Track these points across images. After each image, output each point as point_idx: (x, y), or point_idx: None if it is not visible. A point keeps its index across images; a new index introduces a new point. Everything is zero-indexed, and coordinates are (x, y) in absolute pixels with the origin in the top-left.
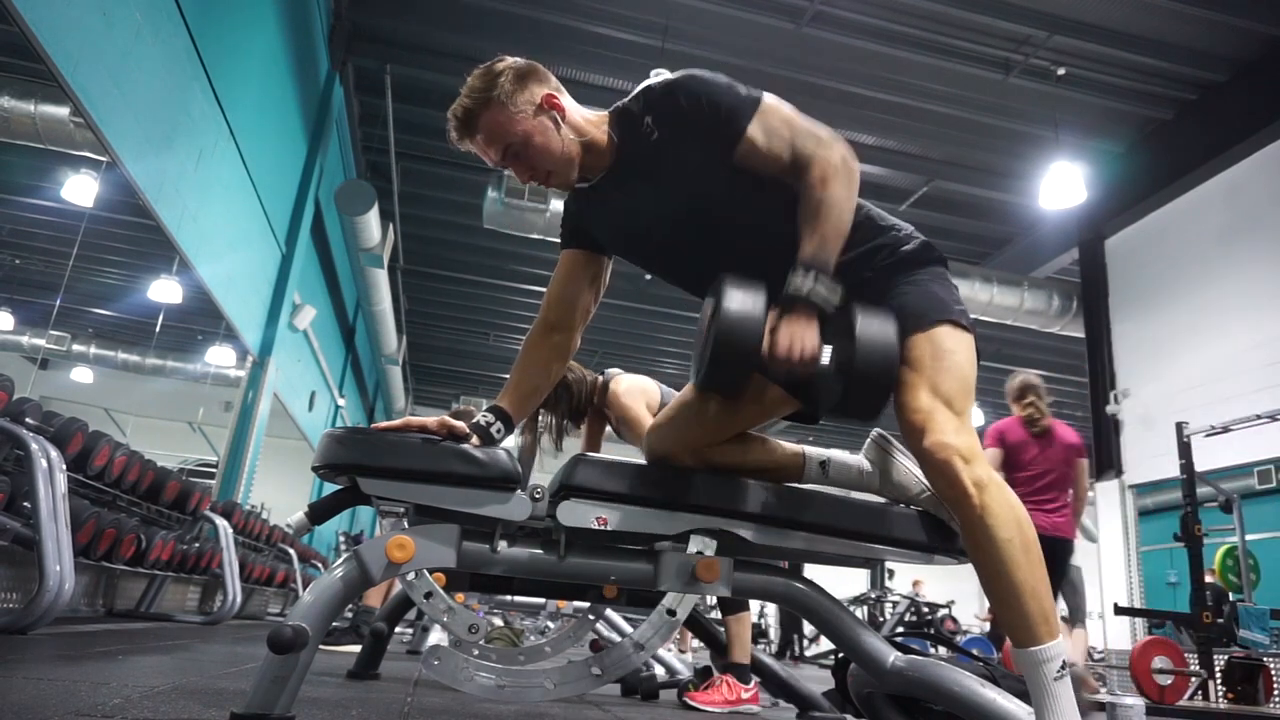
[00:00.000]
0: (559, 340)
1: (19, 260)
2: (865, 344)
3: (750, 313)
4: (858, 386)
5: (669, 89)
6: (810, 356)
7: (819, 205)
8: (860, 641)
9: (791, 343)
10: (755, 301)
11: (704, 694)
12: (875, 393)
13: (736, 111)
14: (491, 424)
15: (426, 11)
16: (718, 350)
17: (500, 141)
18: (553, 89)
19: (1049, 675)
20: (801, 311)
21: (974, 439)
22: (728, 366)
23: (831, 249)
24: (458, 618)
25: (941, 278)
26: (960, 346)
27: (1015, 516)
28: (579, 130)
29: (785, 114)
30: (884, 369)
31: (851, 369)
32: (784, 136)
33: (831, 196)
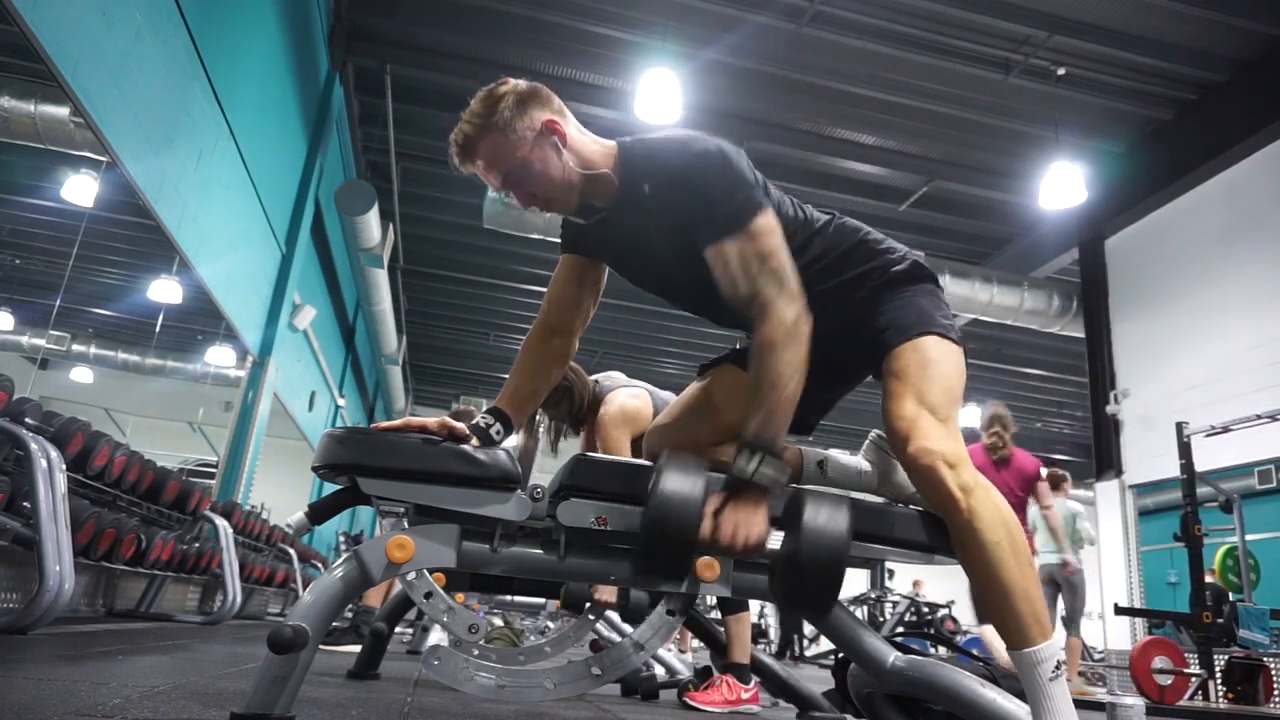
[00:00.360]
0: (558, 344)
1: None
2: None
3: (687, 498)
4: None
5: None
6: (755, 543)
7: (762, 378)
8: (860, 641)
9: (735, 529)
10: (693, 484)
11: (704, 694)
12: (822, 587)
13: (726, 219)
14: (491, 425)
15: (426, 11)
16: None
17: (500, 167)
18: (554, 114)
19: (1044, 676)
20: (747, 496)
21: (959, 445)
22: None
23: (778, 426)
24: (458, 618)
25: (931, 294)
26: (947, 357)
27: (1002, 519)
28: (582, 159)
29: (766, 248)
30: (831, 562)
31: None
32: (751, 271)
33: (777, 368)
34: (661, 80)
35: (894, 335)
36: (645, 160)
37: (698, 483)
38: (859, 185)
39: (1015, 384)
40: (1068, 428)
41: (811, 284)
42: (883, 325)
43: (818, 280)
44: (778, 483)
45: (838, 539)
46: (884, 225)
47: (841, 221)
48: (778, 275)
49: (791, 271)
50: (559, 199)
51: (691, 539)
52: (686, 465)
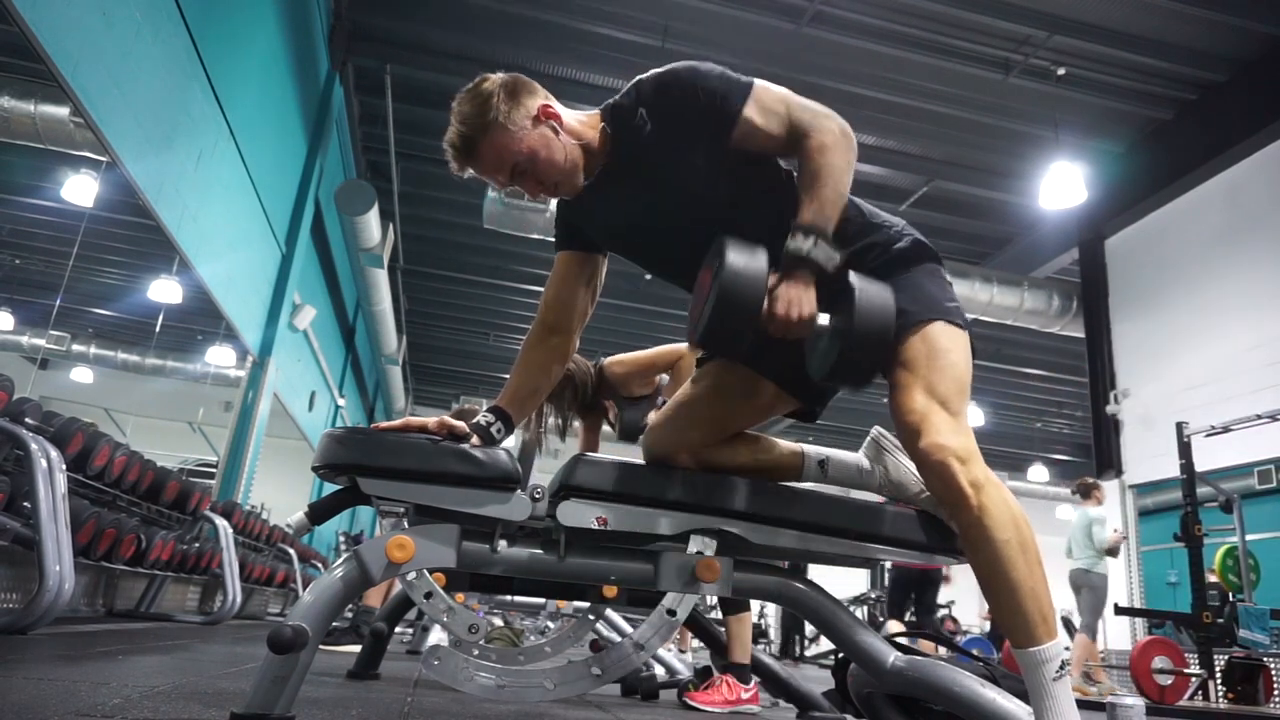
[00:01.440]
0: (558, 342)
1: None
2: (863, 307)
3: (753, 270)
4: (853, 349)
5: (661, 81)
6: (808, 318)
7: (817, 172)
8: (860, 641)
9: (790, 303)
10: (757, 260)
11: (704, 694)
12: (870, 356)
13: (729, 95)
14: (491, 424)
15: (426, 11)
16: (720, 305)
17: (506, 163)
18: (544, 98)
19: (1048, 675)
20: (800, 273)
21: (970, 439)
22: (728, 323)
23: (830, 214)
24: (458, 618)
25: (935, 274)
26: (955, 345)
27: (1013, 516)
28: (576, 135)
29: (779, 93)
30: (880, 332)
31: (848, 331)
32: (779, 113)
33: (829, 163)
34: None
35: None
36: (633, 98)
37: (761, 259)
38: (859, 185)
39: (1015, 384)
40: (1068, 428)
41: None
42: None
43: None
44: (828, 264)
45: (887, 310)
46: None
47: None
48: (807, 106)
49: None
50: (566, 181)
51: (757, 307)
52: (747, 246)
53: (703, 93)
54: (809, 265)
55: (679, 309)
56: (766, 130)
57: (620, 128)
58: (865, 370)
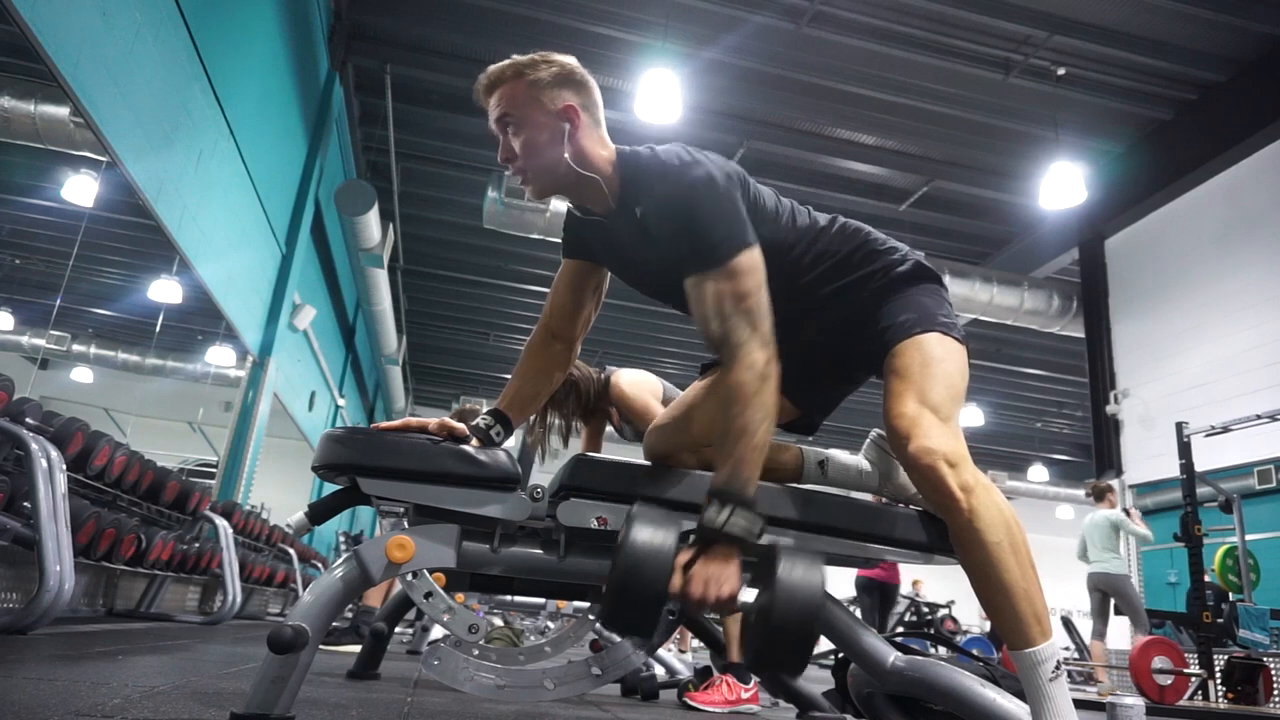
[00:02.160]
0: (559, 348)
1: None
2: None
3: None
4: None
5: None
6: (728, 597)
7: (731, 426)
8: (860, 641)
9: (706, 583)
10: (665, 534)
11: (704, 694)
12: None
13: (707, 254)
14: (491, 426)
15: (426, 11)
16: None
17: (504, 107)
18: (580, 105)
19: (1044, 676)
20: (719, 548)
21: (960, 444)
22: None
23: (748, 473)
24: (458, 618)
25: (934, 293)
26: (949, 355)
27: (1004, 519)
28: (582, 159)
29: (743, 288)
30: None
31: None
32: (724, 311)
33: (746, 417)
34: (661, 80)
35: (895, 333)
36: (638, 179)
37: (669, 535)
38: (859, 185)
39: (1015, 384)
40: (1068, 428)
41: (815, 287)
42: (884, 324)
43: (821, 283)
44: (750, 534)
45: (812, 597)
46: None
47: (844, 223)
48: (751, 317)
49: (766, 314)
50: (536, 179)
51: (661, 593)
52: (656, 517)
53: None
54: (727, 536)
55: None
56: (701, 310)
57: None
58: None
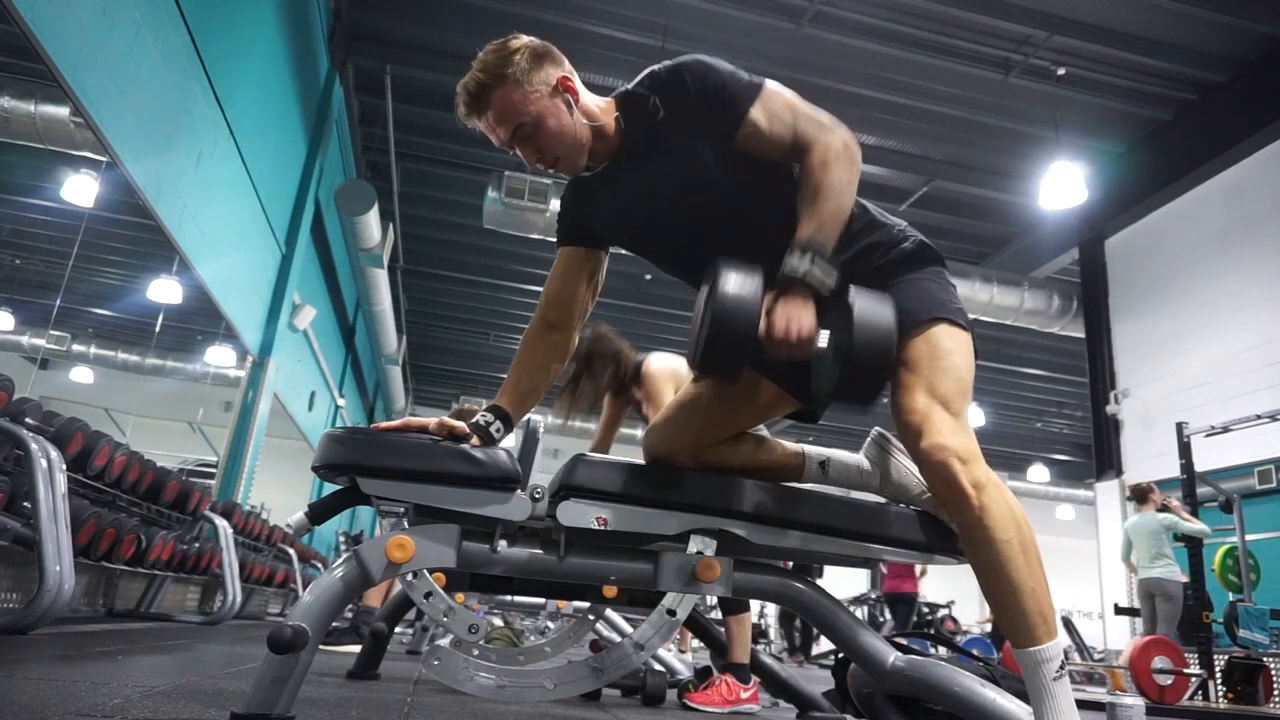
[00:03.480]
0: (558, 339)
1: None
2: (862, 327)
3: (747, 293)
4: (854, 370)
5: (675, 70)
6: (807, 338)
7: (818, 188)
8: (860, 641)
9: (788, 324)
10: (752, 283)
11: (703, 694)
12: (872, 376)
13: (739, 95)
14: (491, 423)
15: (426, 11)
16: (715, 331)
17: (511, 121)
18: (567, 72)
19: (1048, 675)
20: (798, 292)
21: (971, 440)
22: (725, 348)
23: (829, 232)
24: (458, 618)
25: (939, 276)
26: (958, 347)
27: (1014, 517)
28: (590, 115)
29: (788, 99)
30: (881, 352)
31: (848, 352)
32: (786, 120)
33: (831, 180)
34: None
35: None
36: (645, 88)
37: (756, 279)
38: (860, 186)
39: (1015, 384)
40: (1068, 428)
41: None
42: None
43: None
44: (826, 283)
45: (888, 329)
46: None
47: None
48: (811, 116)
49: (823, 111)
50: (567, 158)
51: (752, 331)
52: (742, 266)
53: (713, 86)
54: (806, 283)
55: (679, 309)
56: (770, 136)
57: (633, 114)
58: (869, 389)
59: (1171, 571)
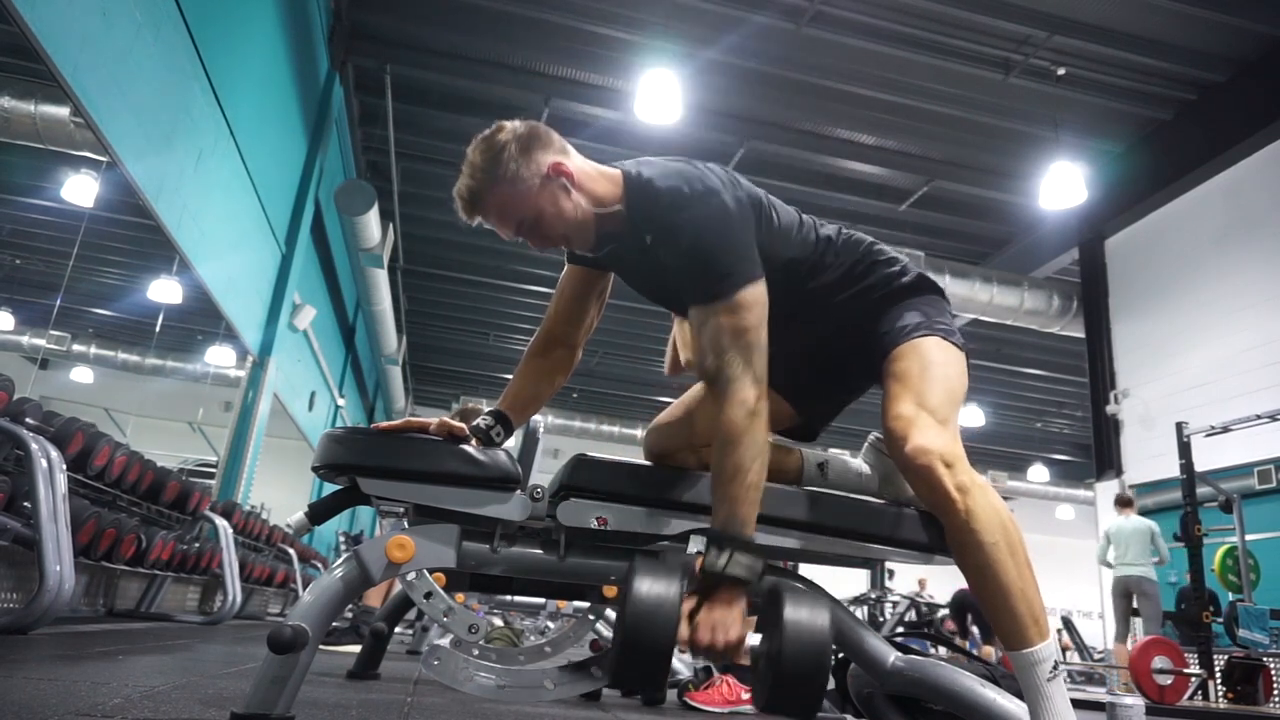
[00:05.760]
0: (562, 353)
1: (19, 260)
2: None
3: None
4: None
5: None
6: (735, 642)
7: (723, 469)
8: (860, 641)
9: (713, 630)
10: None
11: (704, 694)
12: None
13: (710, 286)
14: (491, 427)
15: (426, 11)
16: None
17: (511, 219)
18: (557, 154)
19: (1042, 676)
20: (722, 594)
21: (957, 444)
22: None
23: (745, 512)
24: (458, 618)
25: (935, 304)
26: (949, 360)
27: (1000, 520)
28: (593, 196)
29: (742, 323)
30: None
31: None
32: (721, 344)
33: (738, 459)
34: (661, 80)
35: (895, 337)
36: (646, 204)
37: (672, 585)
38: (859, 185)
39: (1015, 384)
40: (1068, 428)
41: (818, 297)
42: (884, 329)
43: (825, 293)
44: (752, 575)
45: (820, 637)
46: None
47: (849, 235)
48: (747, 352)
49: (763, 351)
50: (577, 237)
51: (669, 646)
52: (657, 569)
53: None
54: (729, 580)
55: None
56: (699, 344)
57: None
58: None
59: (1153, 572)
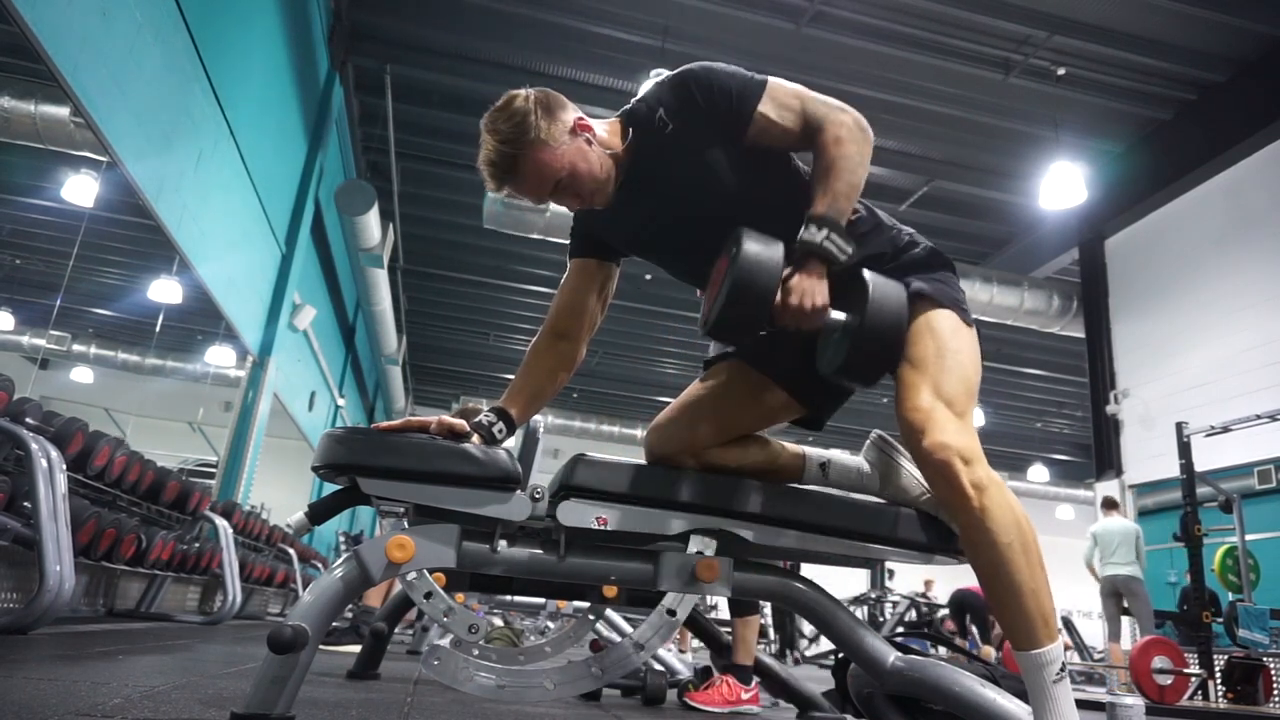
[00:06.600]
0: (565, 349)
1: (19, 260)
2: (876, 301)
3: (768, 258)
4: (864, 345)
5: (680, 81)
6: (819, 309)
7: (830, 164)
8: (860, 641)
9: (802, 294)
10: (773, 249)
11: (704, 694)
12: (881, 352)
13: (745, 93)
14: (494, 424)
15: (426, 11)
16: (734, 291)
17: (549, 180)
18: (575, 111)
19: (1048, 678)
20: (813, 264)
21: (974, 440)
22: (741, 310)
23: (843, 206)
24: (458, 618)
25: (948, 279)
26: (965, 346)
27: (1015, 519)
28: (606, 144)
29: (793, 88)
30: (892, 328)
31: (859, 328)
32: (794, 108)
33: (843, 155)
34: None
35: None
36: (652, 100)
37: (777, 247)
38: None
39: (1015, 384)
40: (1068, 428)
41: None
42: None
43: None
44: (840, 255)
45: (899, 305)
46: None
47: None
48: (820, 99)
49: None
50: (601, 191)
51: (769, 299)
52: (763, 237)
53: (719, 92)
54: (821, 256)
55: (679, 309)
56: (782, 125)
57: (640, 130)
58: (877, 366)
59: (1138, 571)
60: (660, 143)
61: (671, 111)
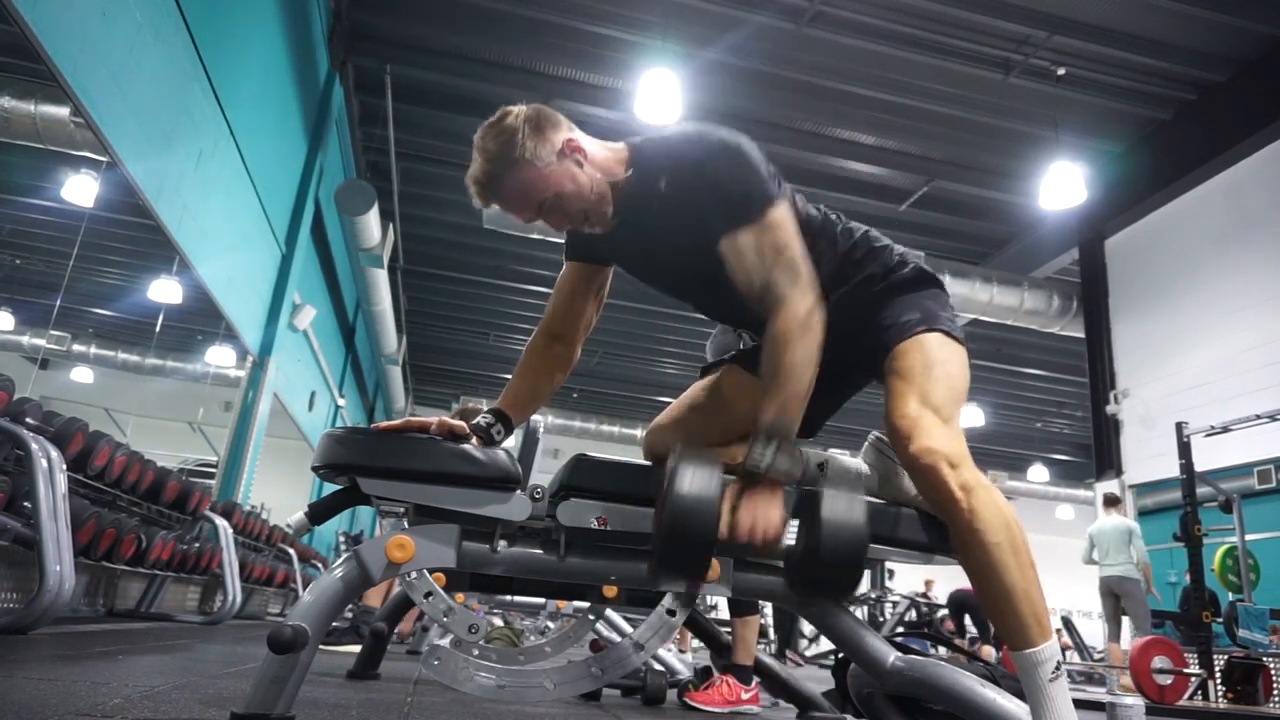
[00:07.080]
0: (561, 350)
1: (19, 260)
2: (831, 525)
3: (705, 494)
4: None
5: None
6: (773, 538)
7: (777, 369)
8: (860, 641)
9: (754, 524)
10: (710, 480)
11: (704, 694)
12: (844, 573)
13: (741, 209)
14: (491, 425)
15: (426, 11)
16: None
17: (532, 201)
18: (568, 131)
19: (1044, 677)
20: (763, 488)
21: (961, 444)
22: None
23: (793, 415)
24: (458, 618)
25: (935, 297)
26: (952, 357)
27: (1004, 520)
28: (602, 168)
29: (780, 239)
30: (852, 549)
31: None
32: (765, 263)
33: (792, 360)
34: (661, 80)
35: (897, 332)
36: (661, 156)
37: (713, 479)
38: (859, 185)
39: (1015, 384)
40: (1068, 428)
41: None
42: (886, 324)
43: (826, 286)
44: (793, 474)
45: (857, 529)
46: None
47: (848, 225)
48: (791, 267)
49: (805, 263)
50: (595, 214)
51: (711, 537)
52: (700, 461)
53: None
54: (771, 478)
55: (679, 309)
56: (742, 268)
57: (640, 176)
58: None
59: (1132, 570)
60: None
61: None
